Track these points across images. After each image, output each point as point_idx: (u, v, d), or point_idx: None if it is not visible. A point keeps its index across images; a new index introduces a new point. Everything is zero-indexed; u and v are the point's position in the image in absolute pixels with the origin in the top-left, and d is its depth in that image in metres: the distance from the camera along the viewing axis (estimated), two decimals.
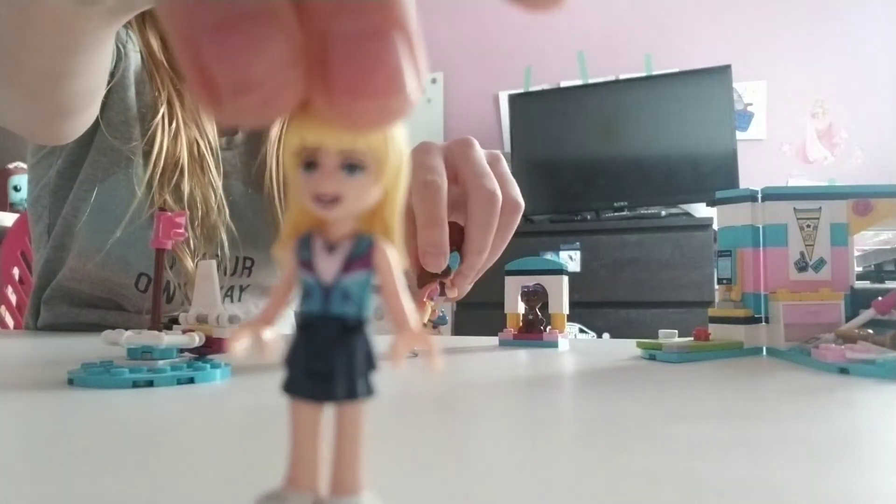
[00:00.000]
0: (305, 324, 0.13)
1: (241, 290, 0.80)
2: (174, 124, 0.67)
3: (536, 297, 0.54)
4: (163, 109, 0.67)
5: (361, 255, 0.13)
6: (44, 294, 0.80)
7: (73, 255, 0.75)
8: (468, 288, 0.50)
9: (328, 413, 0.13)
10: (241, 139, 0.78)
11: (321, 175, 0.12)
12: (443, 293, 0.48)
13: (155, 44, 0.69)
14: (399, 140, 0.13)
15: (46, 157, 0.77)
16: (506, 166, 0.51)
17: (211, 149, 0.70)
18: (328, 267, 0.13)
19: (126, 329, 0.32)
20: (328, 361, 0.13)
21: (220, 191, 0.70)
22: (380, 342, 0.13)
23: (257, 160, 0.77)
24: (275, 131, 0.76)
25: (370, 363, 0.13)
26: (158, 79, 0.69)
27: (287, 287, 0.14)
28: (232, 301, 0.79)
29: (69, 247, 0.77)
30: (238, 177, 0.77)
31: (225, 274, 0.75)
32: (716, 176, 2.09)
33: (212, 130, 0.71)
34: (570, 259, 1.95)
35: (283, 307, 0.14)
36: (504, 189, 0.48)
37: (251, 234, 0.76)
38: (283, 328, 0.13)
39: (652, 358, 0.43)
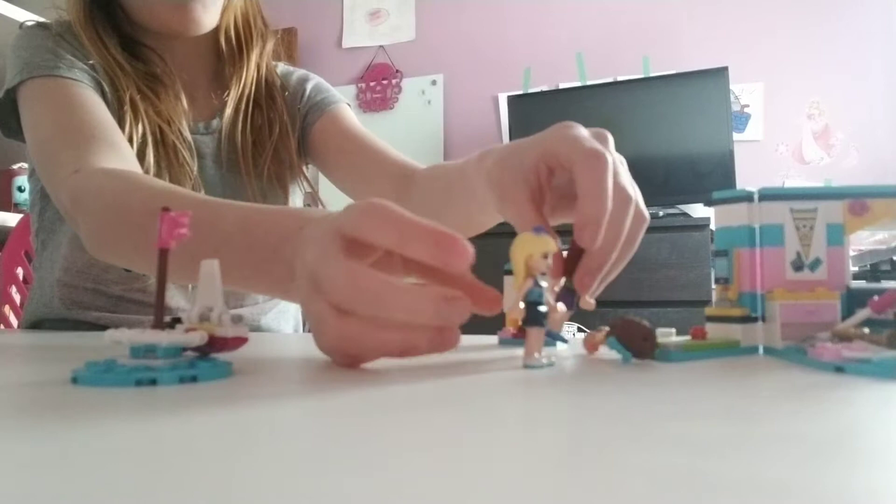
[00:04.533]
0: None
1: None
2: (140, 124, 0.74)
3: None
4: (127, 108, 0.74)
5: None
6: (34, 299, 0.83)
7: (64, 247, 0.78)
8: (597, 289, 0.47)
9: None
10: (217, 125, 0.84)
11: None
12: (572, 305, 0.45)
13: (114, 52, 0.76)
14: None
15: None
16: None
17: (182, 138, 0.77)
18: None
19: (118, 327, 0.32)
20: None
21: (195, 173, 0.77)
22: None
23: (234, 144, 0.83)
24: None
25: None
26: (120, 83, 0.75)
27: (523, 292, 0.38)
28: None
29: (53, 243, 0.80)
30: (213, 158, 0.83)
31: None
32: (713, 176, 2.10)
33: (184, 121, 0.79)
34: None
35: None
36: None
37: None
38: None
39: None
